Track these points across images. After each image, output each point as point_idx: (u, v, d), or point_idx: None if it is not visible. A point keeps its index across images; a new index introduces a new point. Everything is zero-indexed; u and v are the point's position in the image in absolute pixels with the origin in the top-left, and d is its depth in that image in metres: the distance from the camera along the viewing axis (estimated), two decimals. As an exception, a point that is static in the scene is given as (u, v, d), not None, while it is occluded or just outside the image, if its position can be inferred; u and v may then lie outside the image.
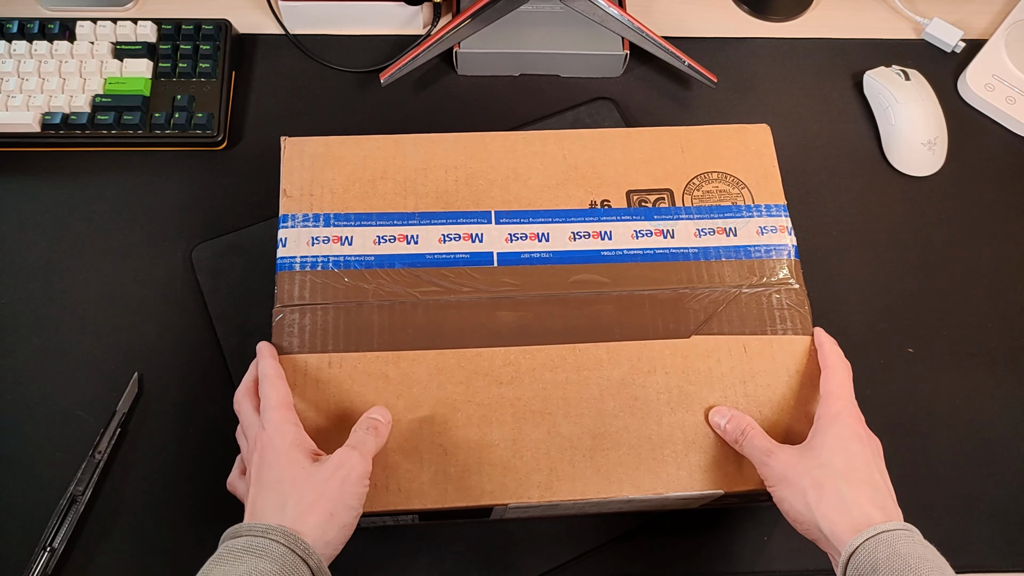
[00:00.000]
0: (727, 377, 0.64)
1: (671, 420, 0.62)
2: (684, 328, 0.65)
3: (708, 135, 0.73)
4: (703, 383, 0.63)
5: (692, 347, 0.64)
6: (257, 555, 0.51)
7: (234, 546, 0.52)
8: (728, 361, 0.64)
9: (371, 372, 0.62)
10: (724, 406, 0.63)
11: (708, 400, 0.63)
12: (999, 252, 0.85)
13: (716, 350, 0.65)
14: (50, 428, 0.73)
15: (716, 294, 0.66)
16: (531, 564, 0.70)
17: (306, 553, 0.52)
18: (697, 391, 0.63)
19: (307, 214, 0.67)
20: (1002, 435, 0.77)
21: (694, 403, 0.63)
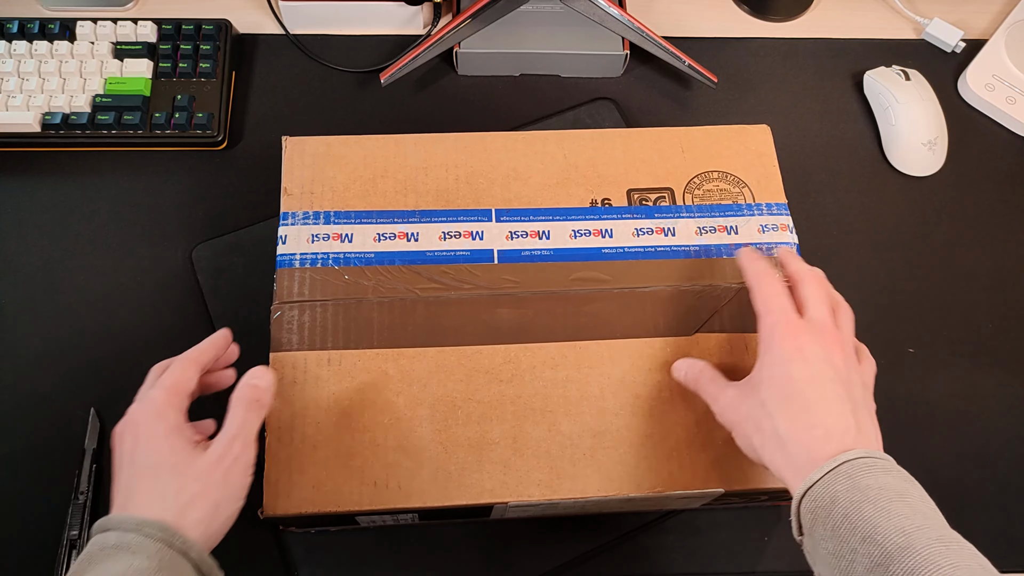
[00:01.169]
0: (729, 375, 0.63)
1: (672, 419, 0.62)
2: (686, 326, 0.65)
3: (708, 135, 0.73)
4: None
5: (694, 345, 0.64)
6: (132, 552, 0.48)
7: (105, 542, 0.49)
8: (729, 359, 0.64)
9: (371, 369, 0.62)
10: (683, 359, 0.62)
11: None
12: (999, 252, 0.85)
13: (718, 348, 0.64)
14: (50, 428, 0.73)
15: (718, 292, 0.66)
16: (531, 564, 0.70)
17: (185, 547, 0.49)
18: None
19: (307, 212, 0.67)
20: (1002, 435, 0.77)
21: (695, 402, 0.62)
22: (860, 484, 0.50)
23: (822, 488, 0.50)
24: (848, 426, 0.53)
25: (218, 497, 0.53)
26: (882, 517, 0.48)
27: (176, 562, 0.49)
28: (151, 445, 0.53)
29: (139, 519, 0.50)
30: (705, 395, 0.60)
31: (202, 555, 0.50)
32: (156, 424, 0.54)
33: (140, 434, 0.54)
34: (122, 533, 0.49)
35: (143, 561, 0.48)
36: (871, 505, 0.48)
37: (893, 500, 0.49)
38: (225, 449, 0.54)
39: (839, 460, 0.51)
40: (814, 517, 0.51)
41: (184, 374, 0.57)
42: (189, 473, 0.52)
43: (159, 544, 0.49)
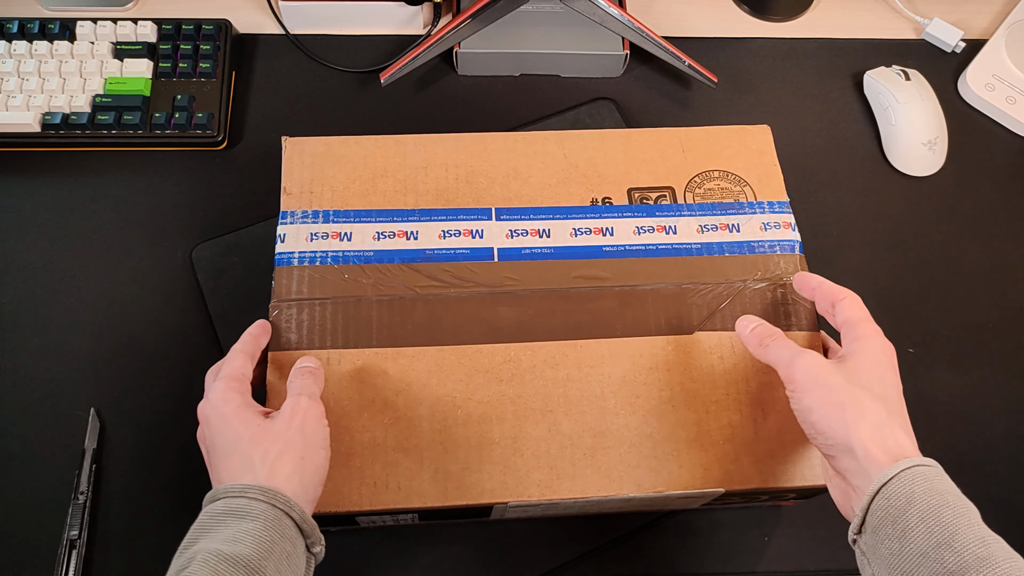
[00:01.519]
0: (730, 374, 0.63)
1: (673, 418, 0.62)
2: (687, 324, 0.65)
3: (709, 135, 0.73)
4: (706, 380, 0.63)
5: (695, 343, 0.64)
6: (239, 516, 0.50)
7: (214, 510, 0.51)
8: (731, 358, 0.64)
9: (370, 369, 0.62)
10: (752, 316, 0.63)
11: (711, 397, 0.63)
12: (999, 252, 0.85)
13: (719, 346, 0.64)
14: (50, 428, 0.73)
15: (720, 289, 0.66)
16: (531, 564, 0.70)
17: (288, 506, 0.51)
18: (699, 388, 0.63)
19: (306, 211, 0.67)
20: (1002, 435, 0.77)
21: (696, 401, 0.62)
22: (938, 488, 0.50)
23: (899, 486, 0.50)
24: (915, 443, 0.54)
25: (301, 449, 0.54)
26: (961, 523, 0.48)
27: (281, 520, 0.51)
28: (225, 427, 0.55)
29: (242, 485, 0.52)
30: (784, 350, 0.58)
31: (303, 514, 0.52)
32: (224, 408, 0.56)
33: (212, 423, 0.56)
34: (229, 500, 0.51)
35: (251, 523, 0.50)
36: (950, 510, 0.48)
37: (972, 509, 0.49)
38: (294, 406, 0.56)
39: (918, 461, 0.51)
40: (885, 515, 0.50)
41: (236, 361, 0.59)
42: (267, 438, 0.54)
43: (264, 504, 0.51)
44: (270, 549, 0.49)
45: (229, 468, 0.54)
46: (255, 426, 0.55)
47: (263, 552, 0.49)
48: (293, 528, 0.51)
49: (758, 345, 0.60)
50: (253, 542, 0.49)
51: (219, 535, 0.49)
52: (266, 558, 0.49)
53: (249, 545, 0.49)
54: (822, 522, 0.72)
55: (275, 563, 0.49)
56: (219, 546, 0.48)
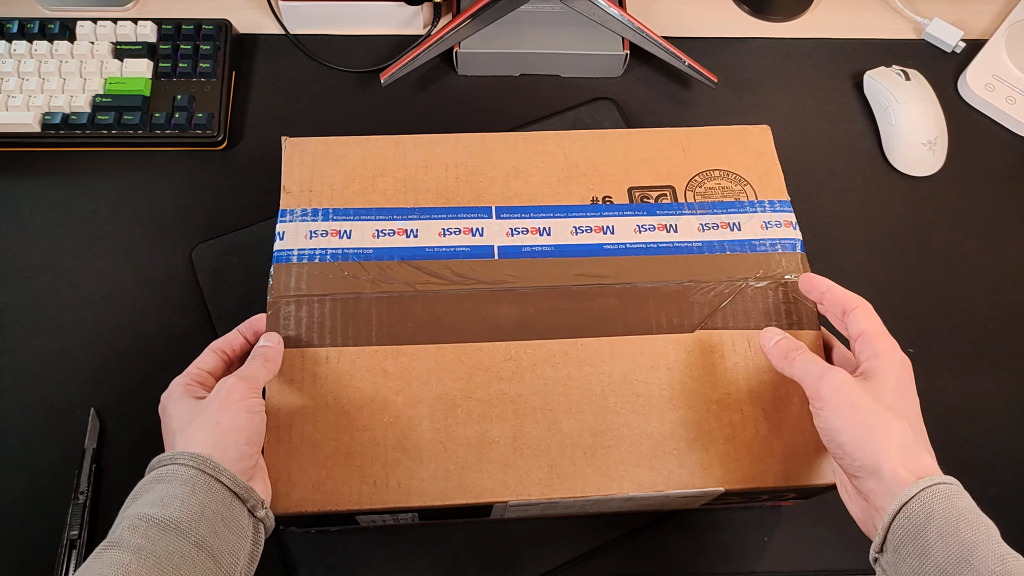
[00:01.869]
0: (731, 373, 0.63)
1: (674, 417, 0.62)
2: (688, 322, 0.65)
3: (709, 135, 0.73)
4: (706, 379, 0.63)
5: (696, 342, 0.64)
6: (167, 481, 0.51)
7: (144, 481, 0.53)
8: (732, 357, 0.64)
9: (369, 367, 0.62)
10: (775, 328, 0.63)
11: (712, 397, 0.63)
12: (999, 252, 0.85)
13: (720, 345, 0.64)
14: (50, 428, 0.73)
15: (721, 288, 0.66)
16: (531, 564, 0.70)
17: (216, 471, 0.52)
18: (700, 387, 0.63)
19: (306, 209, 0.67)
20: (1002, 435, 0.77)
21: (697, 400, 0.62)
22: (957, 506, 0.50)
23: (919, 504, 0.50)
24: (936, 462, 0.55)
25: (217, 416, 0.55)
26: (980, 540, 0.48)
27: (210, 485, 0.51)
28: (165, 417, 0.58)
29: (173, 453, 0.53)
30: (812, 366, 0.58)
31: (234, 477, 0.53)
32: (165, 400, 0.59)
33: (163, 413, 0.59)
34: (158, 469, 0.52)
35: (179, 487, 0.51)
36: (969, 527, 0.48)
37: (991, 527, 0.49)
38: (219, 385, 0.57)
39: (938, 480, 0.51)
40: (905, 533, 0.50)
41: (200, 360, 0.62)
42: (198, 416, 0.56)
43: (192, 470, 0.51)
44: (200, 512, 0.50)
45: (169, 446, 0.57)
46: (184, 407, 0.57)
47: (193, 514, 0.50)
48: (224, 491, 0.52)
49: (783, 358, 0.60)
50: (180, 505, 0.50)
51: (146, 499, 0.50)
52: (197, 520, 0.50)
53: (177, 508, 0.49)
54: (822, 522, 0.72)
55: (208, 524, 0.50)
56: (146, 510, 0.49)
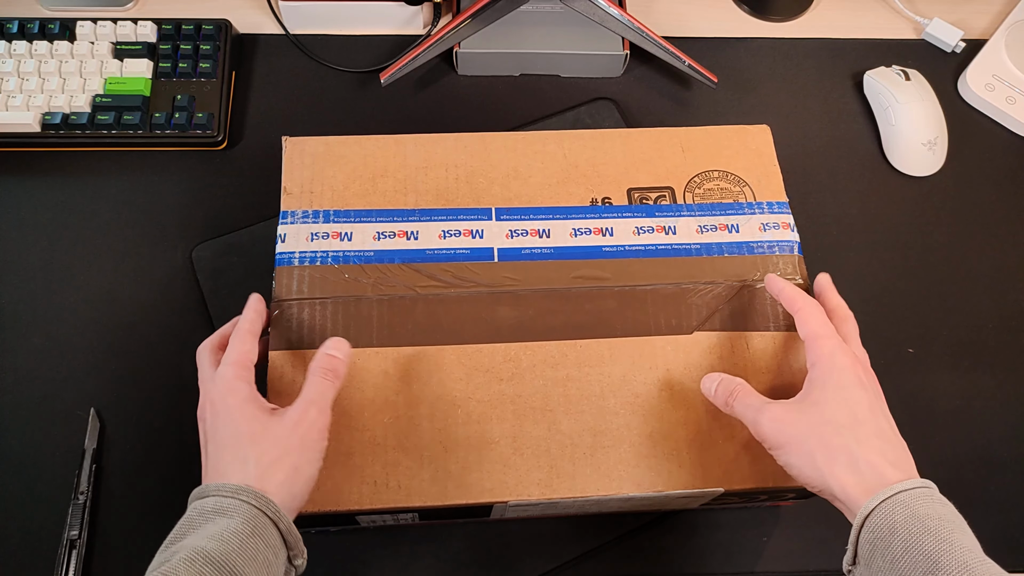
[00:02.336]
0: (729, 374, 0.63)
1: (673, 417, 0.62)
2: (686, 324, 0.65)
3: (708, 135, 0.73)
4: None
5: (694, 343, 0.64)
6: (228, 516, 0.50)
7: (204, 507, 0.51)
8: (731, 358, 0.64)
9: (370, 368, 0.62)
10: (713, 374, 0.61)
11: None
12: (999, 252, 0.85)
13: (719, 346, 0.64)
14: (50, 428, 0.73)
15: (719, 290, 0.66)
16: (531, 564, 0.70)
17: (276, 516, 0.51)
18: (699, 388, 0.63)
19: (307, 210, 0.67)
20: (1002, 435, 0.77)
21: (696, 400, 0.62)
22: (919, 513, 0.49)
23: (881, 516, 0.50)
24: (908, 458, 0.54)
25: (297, 460, 0.54)
26: (944, 550, 0.48)
27: (267, 528, 0.51)
28: (228, 418, 0.55)
29: (235, 486, 0.51)
30: (747, 409, 0.58)
31: (290, 525, 0.52)
32: (230, 398, 0.56)
33: (218, 410, 0.56)
34: (220, 498, 0.51)
35: (239, 524, 0.49)
36: (931, 537, 0.48)
37: (954, 532, 0.49)
38: (301, 414, 0.55)
39: (899, 488, 0.51)
40: (873, 548, 0.50)
41: (244, 346, 0.59)
42: (267, 439, 0.54)
43: (254, 509, 0.50)
44: (253, 555, 0.49)
45: (223, 460, 0.54)
46: (257, 423, 0.55)
47: (246, 556, 0.49)
48: (278, 538, 0.51)
49: (724, 404, 0.60)
50: (239, 545, 0.49)
51: (204, 532, 0.49)
52: (248, 563, 0.49)
53: (236, 547, 0.48)
54: (821, 522, 0.72)
55: (255, 570, 0.49)
56: (203, 543, 0.48)
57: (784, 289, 0.63)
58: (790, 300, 0.62)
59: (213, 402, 0.56)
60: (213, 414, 0.56)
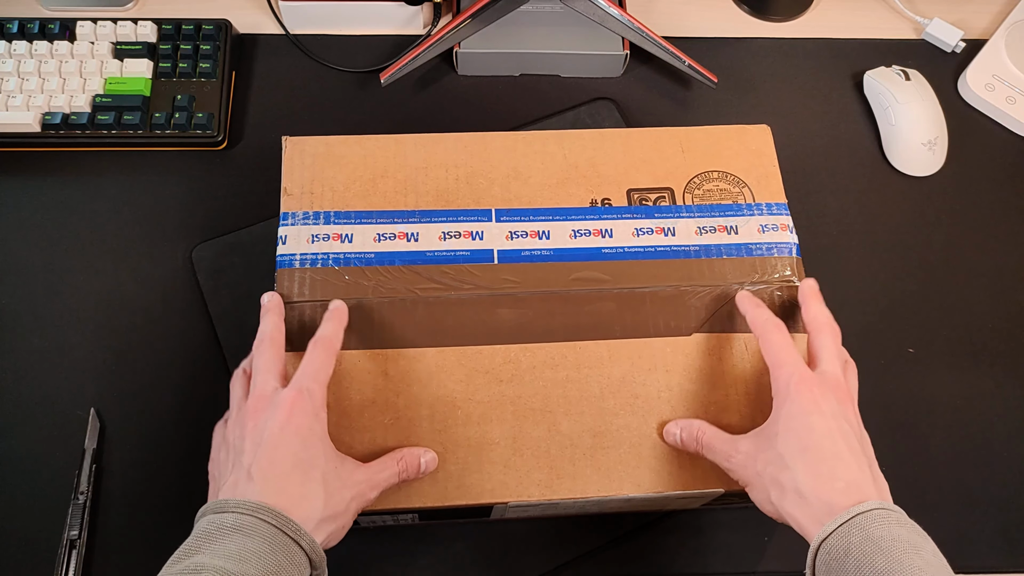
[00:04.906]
0: (728, 375, 0.63)
1: (672, 418, 0.62)
2: (685, 326, 0.65)
3: (708, 135, 0.73)
4: (704, 381, 0.63)
5: (693, 345, 0.64)
6: (247, 534, 0.49)
7: (223, 522, 0.50)
8: (729, 359, 0.64)
9: (370, 369, 0.62)
10: (672, 420, 0.62)
11: (709, 398, 0.63)
12: (999, 252, 0.85)
13: (718, 348, 0.64)
14: (50, 428, 0.73)
15: (718, 292, 0.66)
16: (531, 564, 0.70)
17: (297, 534, 0.50)
18: (698, 389, 0.63)
19: (307, 212, 0.67)
20: (1002, 435, 0.77)
21: (695, 401, 0.63)
22: (873, 535, 0.49)
23: (836, 540, 0.50)
24: (866, 478, 0.53)
25: (345, 521, 0.55)
26: (895, 568, 0.48)
27: (289, 547, 0.50)
28: (308, 443, 0.54)
29: (256, 503, 0.50)
30: (713, 454, 0.59)
31: (313, 544, 0.51)
32: (316, 424, 0.55)
33: (295, 425, 0.54)
34: (239, 515, 0.50)
35: (257, 544, 0.49)
36: (883, 556, 0.48)
37: (907, 551, 0.49)
38: (368, 490, 0.56)
39: (854, 512, 0.51)
40: (828, 569, 0.50)
41: (330, 366, 0.59)
42: (336, 492, 0.54)
43: (274, 529, 0.50)
44: (277, 572, 0.48)
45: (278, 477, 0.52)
46: (331, 464, 0.55)
47: (270, 574, 0.48)
48: (302, 555, 0.51)
49: (695, 452, 0.60)
50: (259, 562, 0.48)
51: (223, 549, 0.48)
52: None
53: (255, 566, 0.48)
54: (822, 522, 0.72)
55: None
56: (223, 563, 0.47)
57: (750, 311, 0.63)
58: (753, 323, 0.62)
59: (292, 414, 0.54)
60: (286, 424, 0.54)
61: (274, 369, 0.58)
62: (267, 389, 0.57)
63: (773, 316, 0.62)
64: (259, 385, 0.57)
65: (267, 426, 0.54)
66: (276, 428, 0.54)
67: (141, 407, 0.74)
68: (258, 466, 0.53)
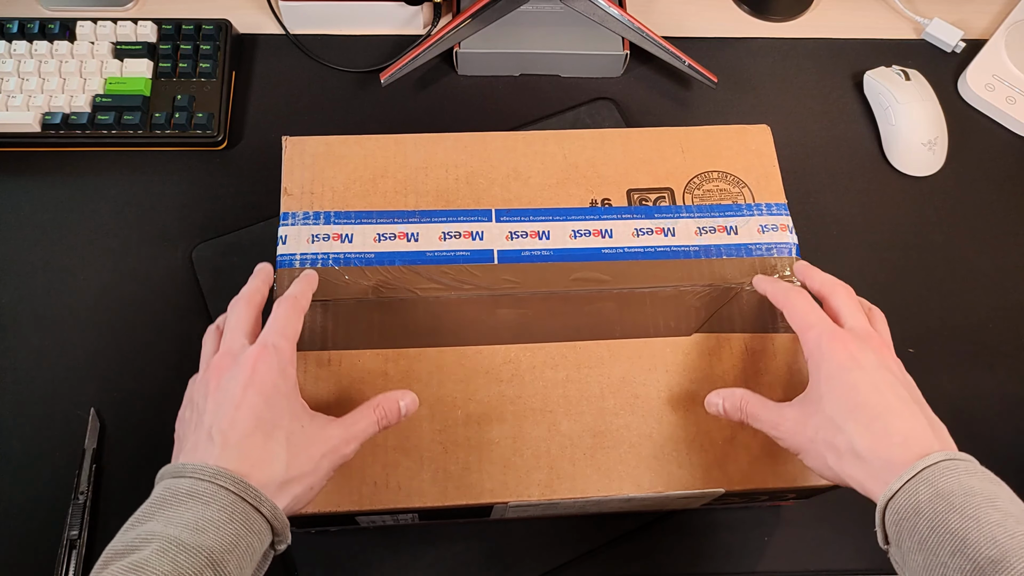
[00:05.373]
0: (729, 375, 0.63)
1: (672, 418, 0.62)
2: (685, 326, 0.65)
3: (708, 135, 0.73)
4: (704, 381, 0.63)
5: (693, 345, 0.64)
6: (205, 502, 0.47)
7: (177, 487, 0.48)
8: (729, 359, 0.64)
9: (370, 370, 0.62)
10: (714, 391, 0.60)
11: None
12: (999, 252, 0.85)
13: (717, 348, 0.64)
14: (50, 428, 0.73)
15: (717, 292, 0.66)
16: (531, 564, 0.70)
17: (258, 500, 0.48)
18: (698, 389, 0.63)
19: (307, 212, 0.67)
20: (1002, 435, 0.77)
21: (695, 401, 0.63)
22: (943, 490, 0.47)
23: (904, 498, 0.48)
24: (924, 428, 0.51)
25: (313, 481, 0.53)
26: (971, 526, 0.46)
27: (248, 515, 0.48)
28: (271, 402, 0.52)
29: (214, 469, 0.48)
30: (760, 423, 0.57)
31: (275, 510, 0.49)
32: (281, 381, 0.53)
33: (259, 382, 0.52)
34: (195, 481, 0.48)
35: (215, 512, 0.47)
36: (957, 514, 0.46)
37: (981, 506, 0.46)
38: (342, 444, 0.54)
39: (919, 466, 0.48)
40: (899, 529, 0.49)
41: (297, 323, 0.57)
42: (303, 452, 0.52)
43: (232, 496, 0.47)
44: (234, 543, 0.46)
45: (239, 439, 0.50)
46: (297, 423, 0.53)
47: (227, 545, 0.46)
48: (263, 523, 0.48)
49: (740, 423, 0.59)
50: (216, 532, 0.46)
51: (178, 517, 0.46)
52: (230, 552, 0.46)
53: (212, 536, 0.46)
54: (822, 522, 0.72)
55: (237, 558, 0.46)
56: (178, 533, 0.45)
57: (769, 287, 0.63)
58: (775, 296, 0.62)
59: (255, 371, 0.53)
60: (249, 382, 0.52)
61: (244, 327, 0.56)
62: (235, 346, 0.55)
63: (792, 285, 0.62)
64: (227, 342, 0.56)
65: (229, 385, 0.52)
66: (239, 387, 0.52)
67: (141, 407, 0.74)
68: (218, 427, 0.51)
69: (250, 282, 0.61)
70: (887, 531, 0.50)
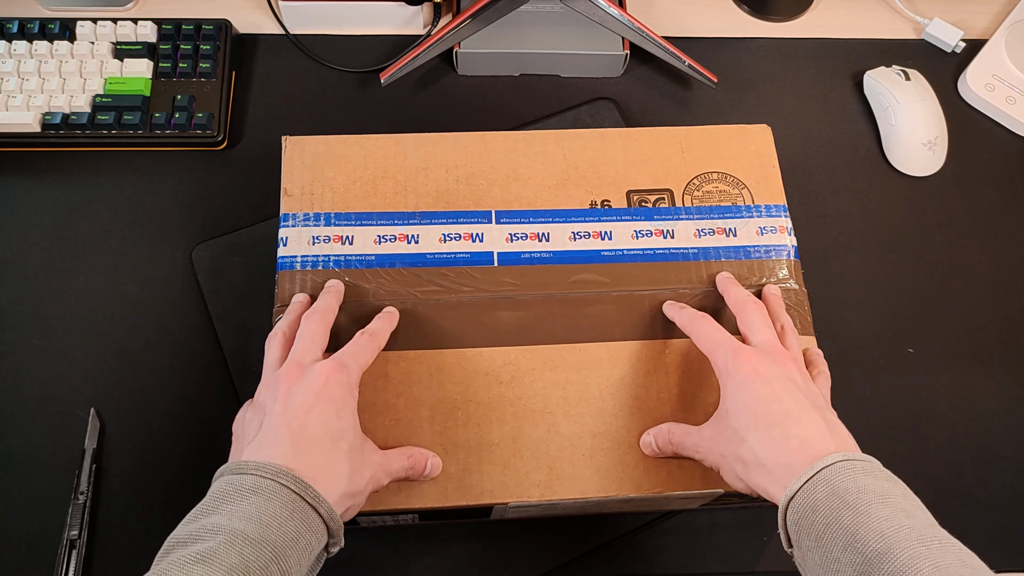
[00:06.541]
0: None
1: (671, 419, 0.62)
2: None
3: (708, 135, 0.73)
4: (703, 383, 0.63)
5: (692, 347, 0.64)
6: (267, 497, 0.48)
7: (241, 483, 0.49)
8: (728, 361, 0.64)
9: (371, 371, 0.62)
10: (645, 432, 0.62)
11: (708, 400, 0.63)
12: (999, 252, 0.85)
13: (717, 350, 0.64)
14: (50, 428, 0.73)
15: (716, 294, 0.66)
16: (531, 564, 0.70)
17: (316, 501, 0.50)
18: (697, 391, 0.63)
19: (308, 213, 0.67)
20: (1002, 435, 0.77)
21: (694, 403, 0.63)
22: (839, 489, 0.49)
23: (803, 498, 0.50)
24: (821, 431, 0.53)
25: (361, 500, 0.55)
26: (862, 521, 0.47)
27: (307, 513, 0.49)
28: (340, 414, 0.54)
29: (277, 468, 0.50)
30: (685, 450, 0.59)
31: (332, 511, 0.51)
32: (348, 398, 0.56)
33: (330, 395, 0.54)
34: (257, 478, 0.49)
35: (277, 508, 0.48)
36: (850, 511, 0.48)
37: (873, 502, 0.48)
38: (383, 475, 0.56)
39: (818, 466, 0.50)
40: (799, 529, 0.50)
41: (371, 355, 0.60)
42: (360, 469, 0.54)
43: (293, 495, 0.49)
44: (295, 539, 0.48)
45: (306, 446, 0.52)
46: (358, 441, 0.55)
47: (289, 540, 0.48)
48: (320, 523, 0.50)
49: (673, 451, 0.60)
50: (279, 528, 0.47)
51: (240, 511, 0.48)
52: (291, 547, 0.48)
53: (276, 532, 0.47)
54: (821, 522, 0.72)
55: (297, 554, 0.48)
56: (242, 526, 0.47)
57: (676, 314, 0.64)
58: (681, 323, 0.63)
59: (327, 384, 0.55)
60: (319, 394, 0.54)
61: (319, 341, 0.59)
62: (306, 358, 0.57)
63: (696, 311, 0.63)
64: (299, 353, 0.57)
65: (300, 391, 0.54)
66: (311, 394, 0.54)
67: (141, 407, 0.74)
68: (287, 428, 0.52)
69: (322, 298, 0.62)
70: (789, 533, 0.51)
